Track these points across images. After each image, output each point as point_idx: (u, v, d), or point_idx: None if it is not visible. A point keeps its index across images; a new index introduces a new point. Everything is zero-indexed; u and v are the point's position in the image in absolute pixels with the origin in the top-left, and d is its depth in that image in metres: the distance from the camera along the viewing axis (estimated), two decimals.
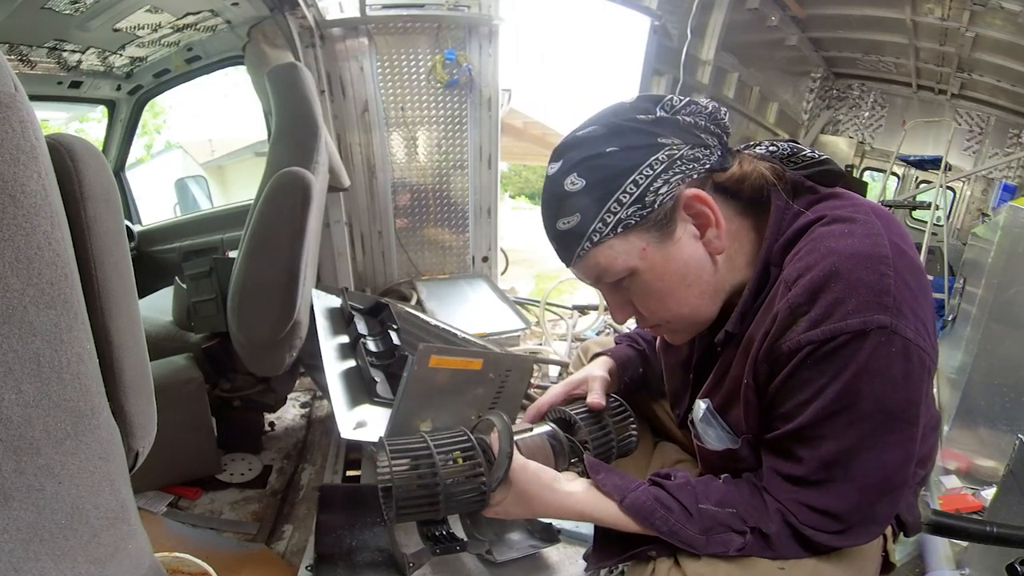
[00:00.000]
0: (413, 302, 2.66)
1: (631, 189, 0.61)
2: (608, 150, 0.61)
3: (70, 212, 0.47)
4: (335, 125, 2.66)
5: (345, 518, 1.26)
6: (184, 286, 1.67)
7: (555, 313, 3.16)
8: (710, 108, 0.65)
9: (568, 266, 0.69)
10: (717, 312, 0.69)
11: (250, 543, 1.38)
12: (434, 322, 1.88)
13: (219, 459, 1.62)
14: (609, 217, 0.62)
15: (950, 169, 3.43)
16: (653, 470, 1.03)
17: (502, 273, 3.49)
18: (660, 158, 0.61)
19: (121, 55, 2.54)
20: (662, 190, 0.61)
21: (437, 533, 1.22)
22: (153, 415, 0.62)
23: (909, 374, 0.57)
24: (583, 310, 3.13)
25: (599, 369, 0.92)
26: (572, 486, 0.73)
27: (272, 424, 1.92)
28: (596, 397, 0.86)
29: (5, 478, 0.40)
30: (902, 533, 0.79)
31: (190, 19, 2.39)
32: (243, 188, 5.71)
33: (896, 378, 0.57)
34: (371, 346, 1.52)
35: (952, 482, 1.60)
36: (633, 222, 0.62)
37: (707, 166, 0.63)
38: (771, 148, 0.68)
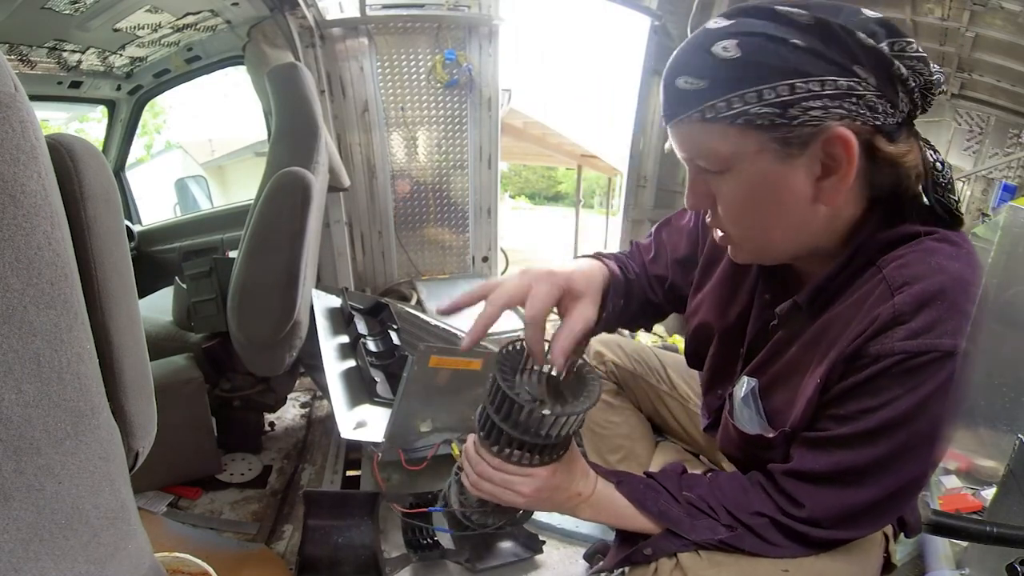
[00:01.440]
0: (413, 302, 2.66)
1: (783, 92, 0.53)
2: (793, 40, 0.53)
3: (70, 212, 0.47)
4: (335, 125, 2.66)
5: (331, 522, 1.26)
6: (184, 286, 1.67)
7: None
8: (934, 77, 0.57)
9: (667, 123, 0.61)
10: (788, 255, 0.66)
11: (250, 543, 1.38)
12: (434, 322, 1.88)
13: (219, 459, 1.62)
14: (737, 103, 0.54)
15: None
16: (654, 470, 1.03)
17: (502, 273, 3.49)
18: (840, 83, 0.53)
19: (121, 55, 2.54)
20: (814, 112, 0.53)
21: (421, 540, 1.22)
22: (153, 415, 0.62)
23: (959, 398, 0.58)
24: None
25: (585, 307, 0.76)
26: (590, 471, 0.74)
27: (272, 424, 1.92)
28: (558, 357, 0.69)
29: (5, 478, 0.40)
30: (903, 533, 0.79)
31: (190, 19, 2.39)
32: (243, 188, 5.71)
33: (952, 403, 0.57)
34: (371, 346, 1.52)
35: (952, 482, 1.60)
36: (759, 123, 0.54)
37: (879, 123, 0.55)
38: (938, 161, 0.62)
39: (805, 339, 0.66)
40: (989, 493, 1.45)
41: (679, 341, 2.55)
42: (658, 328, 2.96)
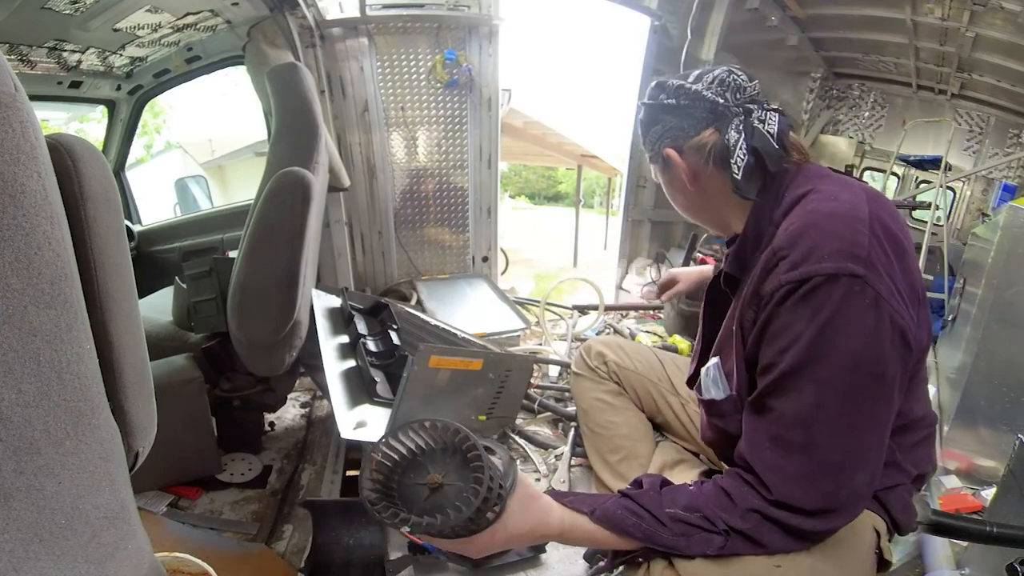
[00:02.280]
0: (413, 302, 2.66)
1: (647, 143, 0.86)
2: (641, 115, 0.86)
3: (70, 212, 0.47)
4: (335, 125, 2.66)
5: (340, 527, 1.26)
6: (184, 286, 1.67)
7: (555, 313, 3.16)
8: (712, 77, 0.79)
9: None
10: (713, 223, 0.86)
11: (250, 543, 1.38)
12: (434, 322, 1.88)
13: (219, 459, 1.62)
14: (646, 149, 0.87)
15: (950, 169, 3.43)
16: (653, 470, 1.03)
17: (502, 273, 3.50)
18: (657, 129, 0.83)
19: (121, 55, 2.54)
20: (658, 146, 0.83)
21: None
22: (153, 415, 0.62)
23: (880, 330, 0.61)
24: (583, 310, 3.13)
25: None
26: (554, 506, 0.71)
27: (272, 424, 1.92)
28: None
29: (5, 478, 0.40)
30: (896, 532, 0.80)
31: (190, 19, 2.39)
32: (243, 188, 5.71)
33: (867, 331, 0.60)
34: (371, 346, 1.52)
35: (952, 482, 1.60)
36: (651, 158, 0.87)
37: (688, 135, 0.79)
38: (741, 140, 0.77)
39: (733, 304, 0.78)
40: (989, 493, 1.45)
41: (679, 341, 2.55)
42: (658, 328, 2.97)
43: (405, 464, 0.68)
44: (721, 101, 0.77)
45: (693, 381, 0.96)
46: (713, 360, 0.80)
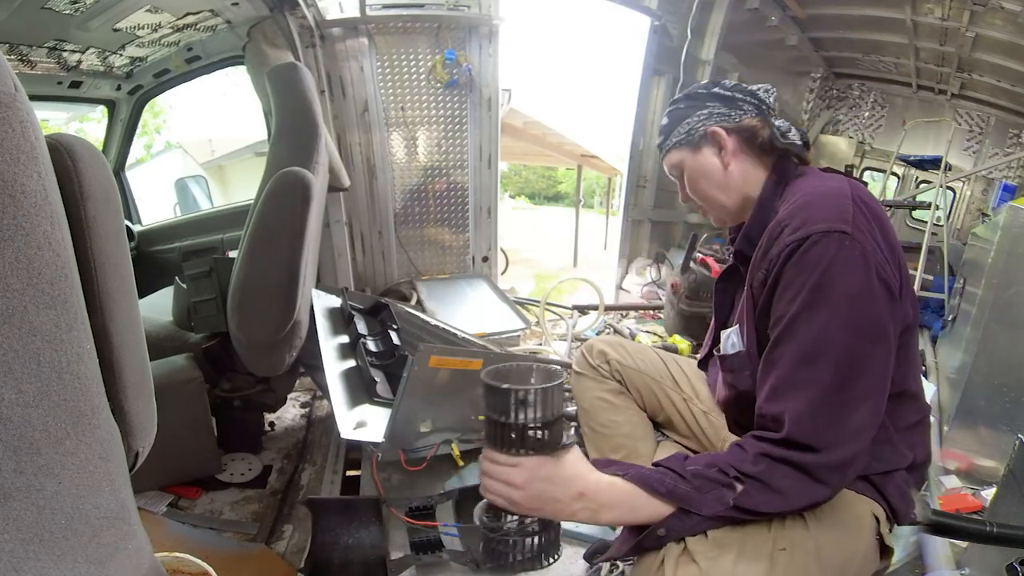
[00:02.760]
0: (413, 302, 2.66)
1: (685, 126, 0.95)
2: (681, 106, 0.96)
3: (70, 212, 0.47)
4: (335, 125, 2.66)
5: (340, 526, 1.25)
6: (184, 286, 1.67)
7: (555, 313, 3.16)
8: (755, 88, 0.94)
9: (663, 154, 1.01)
10: (732, 206, 0.94)
11: (250, 543, 1.38)
12: (434, 322, 1.88)
13: (219, 459, 1.62)
14: (674, 137, 0.96)
15: (950, 169, 3.43)
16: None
17: (502, 273, 3.50)
18: (702, 113, 0.93)
19: (121, 55, 2.54)
20: (699, 127, 0.93)
21: (424, 539, 1.22)
22: (153, 415, 0.62)
23: (869, 278, 0.71)
24: (583, 310, 3.13)
25: None
26: (593, 469, 0.77)
27: (272, 424, 1.92)
28: None
29: (5, 478, 0.40)
30: (895, 521, 0.82)
31: (190, 19, 2.40)
32: (243, 188, 5.71)
33: (859, 277, 0.71)
34: (371, 346, 1.52)
35: (952, 482, 1.60)
36: (683, 142, 0.95)
37: (735, 120, 0.92)
38: (778, 126, 0.91)
39: (746, 280, 0.87)
40: (989, 493, 1.45)
41: (679, 341, 2.55)
42: (658, 328, 2.97)
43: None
44: (767, 103, 0.93)
45: (706, 361, 1.09)
46: (733, 327, 0.92)
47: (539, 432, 0.76)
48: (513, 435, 0.76)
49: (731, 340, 0.91)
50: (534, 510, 0.76)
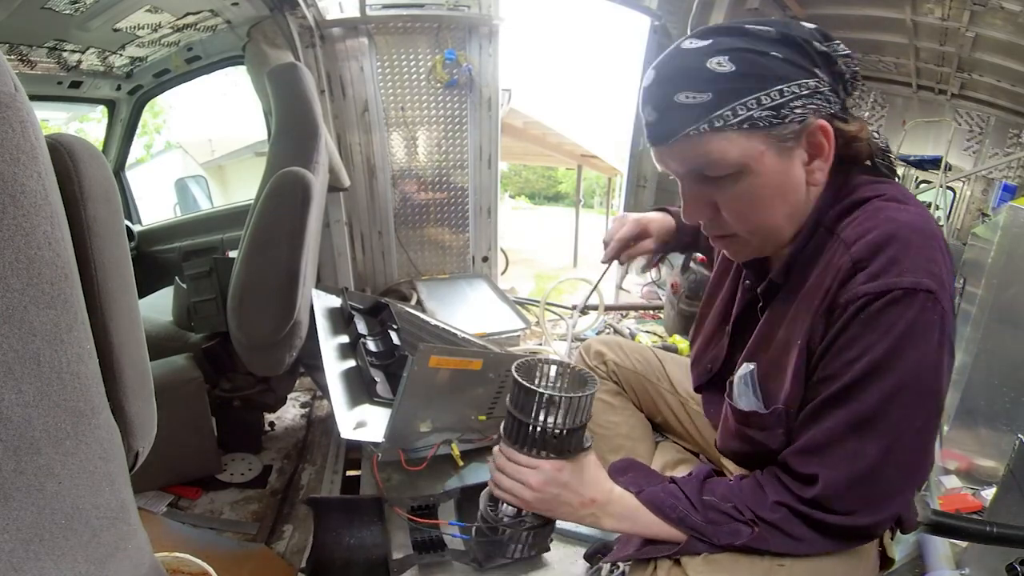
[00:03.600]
0: (413, 302, 2.66)
1: (775, 96, 0.62)
2: (772, 53, 0.62)
3: (70, 212, 0.47)
4: (335, 125, 2.66)
5: (342, 525, 1.25)
6: (184, 286, 1.67)
7: (555, 313, 3.16)
8: (856, 68, 0.68)
9: (660, 144, 0.67)
10: (787, 239, 0.71)
11: (250, 543, 1.38)
12: (434, 322, 1.88)
13: (219, 459, 1.62)
14: (742, 110, 0.61)
15: (950, 169, 3.43)
16: (655, 469, 1.03)
17: (502, 273, 3.50)
18: (810, 84, 0.63)
19: (121, 55, 2.54)
20: (798, 110, 0.63)
21: (426, 538, 1.22)
22: (153, 415, 0.62)
23: (942, 346, 0.61)
24: (583, 310, 3.13)
25: (649, 241, 1.07)
26: (608, 478, 0.77)
27: (272, 424, 1.92)
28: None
29: (5, 478, 0.40)
30: (899, 530, 0.80)
31: (190, 19, 2.39)
32: (243, 188, 5.71)
33: (933, 347, 0.60)
34: (371, 346, 1.52)
35: (952, 482, 1.60)
36: (762, 125, 0.62)
37: (835, 110, 0.65)
38: (875, 131, 0.72)
39: (787, 319, 0.70)
40: (989, 493, 1.45)
41: (679, 341, 2.55)
42: (658, 328, 2.97)
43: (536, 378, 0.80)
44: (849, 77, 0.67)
45: (703, 387, 0.94)
46: (748, 367, 0.75)
47: (562, 437, 0.75)
48: (536, 436, 0.75)
49: (747, 384, 0.74)
50: (543, 511, 0.76)
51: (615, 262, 1.08)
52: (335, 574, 1.19)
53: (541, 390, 0.73)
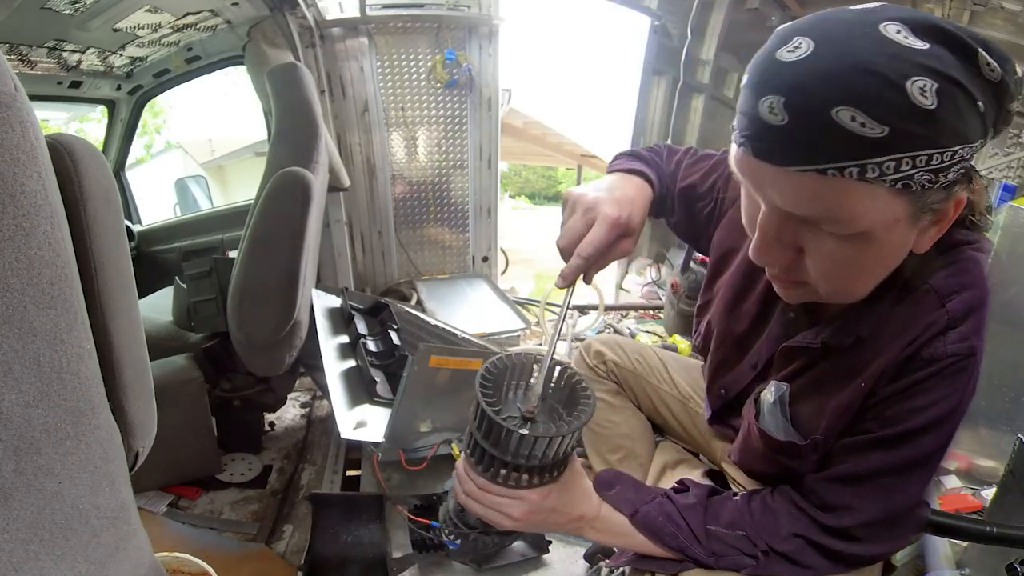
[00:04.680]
0: (413, 302, 2.66)
1: (947, 158, 0.45)
2: (979, 102, 0.45)
3: (70, 212, 0.47)
4: (335, 125, 2.66)
5: (340, 523, 1.26)
6: (184, 286, 1.67)
7: (555, 313, 3.15)
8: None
9: (772, 162, 0.47)
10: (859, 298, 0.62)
11: (250, 543, 1.38)
12: (434, 322, 1.88)
13: (219, 459, 1.62)
14: (906, 165, 0.44)
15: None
16: (654, 471, 1.03)
17: (502, 273, 3.49)
18: (977, 146, 0.47)
19: (121, 55, 2.54)
20: (951, 175, 0.47)
21: (426, 539, 1.22)
22: (153, 415, 0.62)
23: (974, 393, 0.63)
24: (583, 310, 3.13)
25: (630, 243, 0.80)
26: (594, 494, 0.72)
27: (272, 424, 1.92)
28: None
29: (5, 478, 0.40)
30: None
31: (190, 19, 2.39)
32: (243, 188, 5.71)
33: (972, 396, 0.62)
34: (371, 346, 1.52)
35: (952, 482, 1.60)
36: (914, 188, 0.46)
37: (967, 170, 0.50)
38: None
39: (850, 355, 0.64)
40: (989, 493, 1.45)
41: (679, 341, 2.55)
42: (658, 328, 2.97)
43: (514, 383, 0.65)
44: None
45: (717, 420, 0.90)
46: (780, 388, 0.69)
47: (553, 471, 0.64)
48: (521, 473, 0.62)
49: (777, 409, 0.69)
50: (526, 530, 0.74)
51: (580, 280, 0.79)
52: (332, 572, 1.19)
53: (517, 430, 0.56)
